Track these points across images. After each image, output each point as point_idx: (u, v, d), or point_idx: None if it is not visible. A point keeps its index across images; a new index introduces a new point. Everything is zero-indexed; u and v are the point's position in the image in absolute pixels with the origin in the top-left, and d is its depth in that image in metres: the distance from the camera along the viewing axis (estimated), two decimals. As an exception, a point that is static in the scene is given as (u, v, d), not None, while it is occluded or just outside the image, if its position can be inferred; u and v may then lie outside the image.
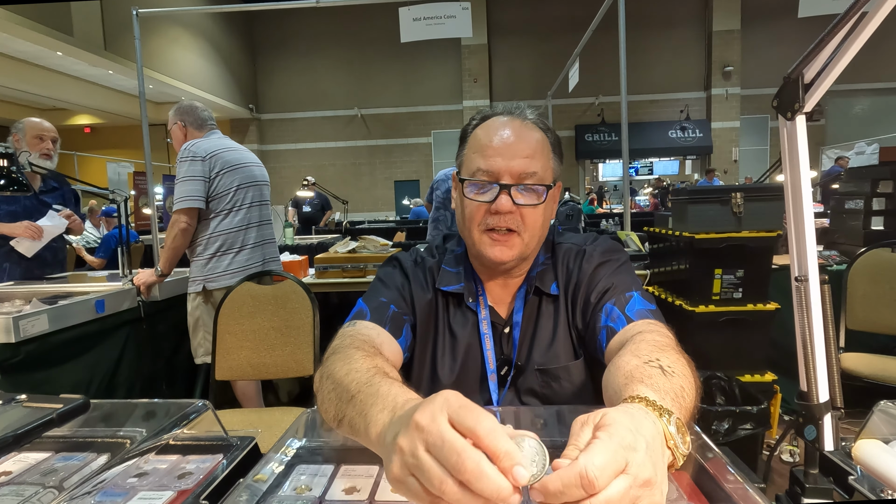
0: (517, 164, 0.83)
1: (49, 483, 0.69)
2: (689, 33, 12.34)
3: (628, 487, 0.38)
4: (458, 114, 12.75)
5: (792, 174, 0.66)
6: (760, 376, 2.27)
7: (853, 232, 2.91)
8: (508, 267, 0.90)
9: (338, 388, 0.61)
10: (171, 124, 2.29)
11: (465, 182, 0.86)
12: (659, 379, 0.56)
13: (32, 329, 1.70)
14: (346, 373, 0.63)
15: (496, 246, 0.85)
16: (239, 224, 2.20)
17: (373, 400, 0.53)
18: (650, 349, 0.64)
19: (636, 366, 0.59)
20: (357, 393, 0.57)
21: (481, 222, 0.85)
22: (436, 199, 4.02)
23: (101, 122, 12.28)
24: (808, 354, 0.62)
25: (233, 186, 2.18)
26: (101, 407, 0.84)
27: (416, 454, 0.39)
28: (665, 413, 0.48)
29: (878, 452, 0.66)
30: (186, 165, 2.10)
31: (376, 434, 0.50)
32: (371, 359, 0.67)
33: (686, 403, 0.55)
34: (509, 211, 0.83)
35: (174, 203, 2.11)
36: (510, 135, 0.85)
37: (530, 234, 0.86)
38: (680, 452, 0.46)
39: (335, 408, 0.60)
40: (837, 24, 0.55)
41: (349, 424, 0.56)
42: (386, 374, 0.60)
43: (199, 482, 0.69)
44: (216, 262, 2.17)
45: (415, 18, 3.35)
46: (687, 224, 2.32)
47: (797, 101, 0.63)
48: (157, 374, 2.35)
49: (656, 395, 0.51)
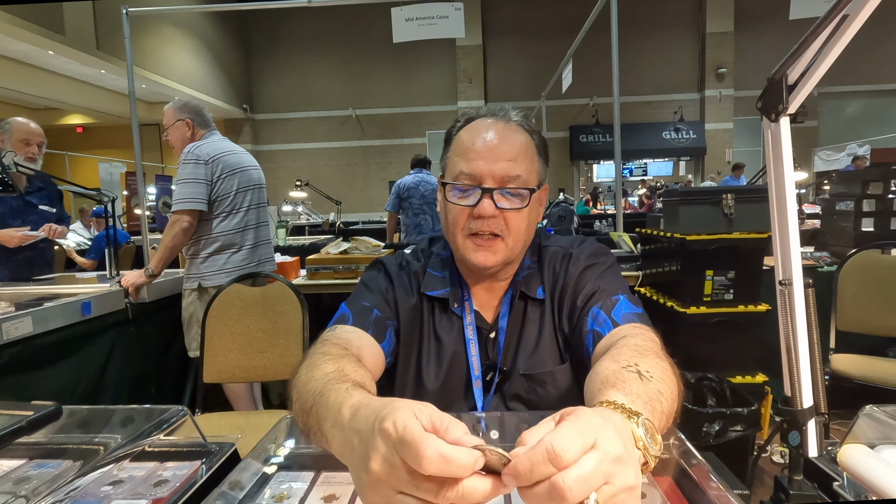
0: (500, 167, 0.82)
1: (21, 492, 0.67)
2: (682, 35, 12.37)
3: (599, 462, 0.37)
4: (453, 114, 12.70)
5: (776, 176, 0.65)
6: (751, 378, 2.27)
7: (844, 233, 2.93)
8: (493, 272, 0.89)
9: (301, 398, 0.61)
10: (174, 120, 2.28)
11: (448, 186, 0.85)
12: (634, 384, 0.55)
13: (16, 332, 1.68)
14: (306, 381, 0.62)
15: (479, 251, 0.84)
16: (237, 226, 2.25)
17: (324, 413, 0.53)
18: (630, 354, 0.63)
19: (613, 371, 0.59)
20: (313, 405, 0.56)
21: (465, 227, 0.84)
22: (410, 206, 4.12)
23: (93, 122, 12.18)
24: (792, 359, 0.62)
25: (233, 189, 2.23)
26: (76, 413, 0.82)
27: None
28: (634, 415, 0.47)
29: (864, 457, 0.65)
30: (190, 168, 2.14)
31: (336, 450, 0.50)
32: (335, 362, 0.65)
33: (663, 407, 0.55)
34: (492, 215, 0.82)
35: (175, 203, 2.14)
36: (493, 137, 0.83)
37: (514, 238, 0.85)
38: (651, 454, 0.45)
39: (301, 420, 0.60)
40: (819, 26, 0.54)
41: (314, 436, 0.56)
42: (342, 378, 0.59)
43: (175, 490, 0.68)
44: (212, 261, 2.21)
45: (407, 19, 3.33)
46: (678, 225, 2.32)
47: (781, 102, 0.62)
48: (146, 377, 2.33)
49: (627, 398, 0.51)
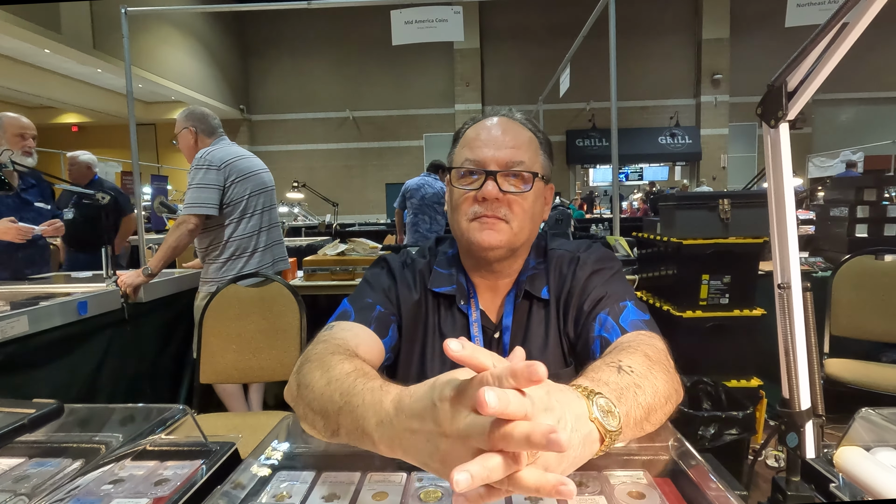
0: (504, 153, 0.83)
1: (21, 490, 0.67)
2: (678, 41, 12.47)
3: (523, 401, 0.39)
4: (450, 117, 12.77)
5: (775, 181, 0.66)
6: (746, 381, 2.29)
7: (838, 239, 2.95)
8: (497, 255, 0.88)
9: (321, 399, 0.60)
10: (181, 129, 2.35)
11: (453, 171, 0.87)
12: (608, 374, 0.57)
13: (12, 331, 1.67)
14: (327, 382, 0.61)
15: (484, 230, 0.84)
16: (252, 229, 2.30)
17: (362, 412, 0.53)
18: (619, 353, 0.65)
19: (594, 365, 0.60)
20: (344, 405, 0.56)
21: (468, 211, 0.85)
22: (411, 206, 4.34)
23: (89, 121, 12.14)
24: (791, 362, 0.62)
25: (245, 194, 2.27)
26: (77, 412, 0.82)
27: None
28: (593, 395, 0.49)
29: (860, 460, 0.66)
30: (202, 173, 2.17)
31: (385, 447, 0.51)
32: (350, 362, 0.65)
33: (639, 399, 0.56)
34: (496, 198, 0.83)
35: (185, 207, 2.18)
36: (498, 129, 0.86)
37: (519, 223, 0.85)
38: (607, 429, 0.47)
39: (323, 419, 0.59)
40: (819, 33, 0.55)
41: (347, 435, 0.56)
42: (367, 376, 0.59)
43: (176, 489, 0.68)
44: (231, 266, 2.26)
45: (406, 21, 3.35)
46: (675, 230, 2.33)
47: (780, 108, 0.63)
48: (142, 377, 2.32)
49: (592, 384, 0.52)
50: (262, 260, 2.33)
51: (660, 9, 12.14)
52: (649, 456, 0.71)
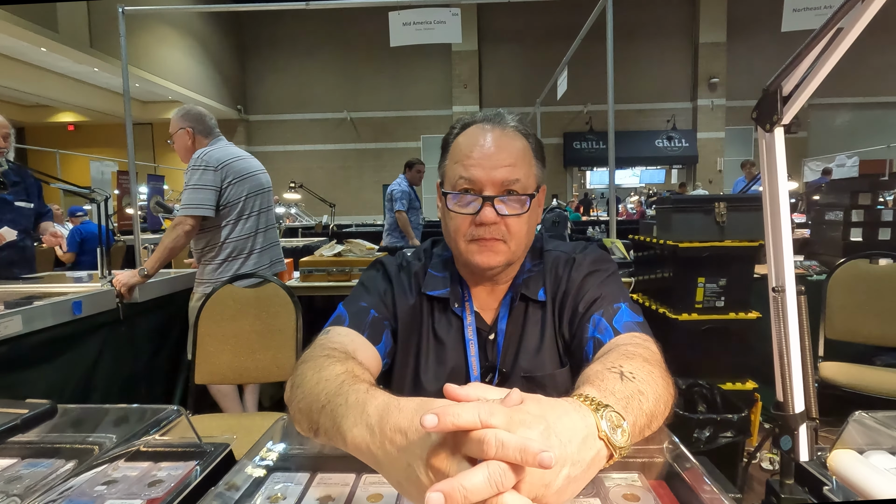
0: (499, 173, 0.83)
1: (13, 491, 0.66)
2: (675, 45, 12.52)
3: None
4: (448, 119, 12.77)
5: (770, 185, 0.67)
6: (741, 384, 2.29)
7: (833, 243, 2.96)
8: (496, 273, 0.89)
9: (308, 398, 0.61)
10: (176, 129, 2.31)
11: (448, 195, 0.86)
12: (612, 382, 0.56)
13: (5, 330, 1.66)
14: (317, 382, 0.62)
15: (483, 252, 0.85)
16: (248, 231, 2.28)
17: (343, 411, 0.54)
18: (617, 357, 0.65)
19: (596, 371, 0.60)
20: (327, 403, 0.57)
21: (466, 233, 0.85)
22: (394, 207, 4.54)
23: (85, 120, 12.09)
24: (785, 365, 0.63)
25: (242, 196, 2.26)
26: (70, 412, 0.81)
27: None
28: (601, 407, 0.49)
29: (853, 463, 0.66)
30: (199, 174, 2.16)
31: (354, 447, 0.51)
32: (342, 364, 0.66)
33: (643, 407, 0.56)
34: (493, 222, 0.83)
35: (182, 208, 2.16)
36: (491, 144, 0.84)
37: (516, 242, 0.86)
38: (615, 444, 0.47)
39: (307, 418, 0.60)
40: (814, 38, 0.56)
41: (325, 434, 0.57)
42: (356, 378, 0.60)
43: (170, 490, 0.67)
44: (227, 267, 2.24)
45: (405, 23, 3.35)
46: (671, 232, 2.34)
47: (776, 113, 0.63)
48: (136, 378, 2.31)
49: (600, 393, 0.52)
50: (259, 262, 2.31)
51: (657, 12, 12.18)
52: (644, 458, 0.71)
